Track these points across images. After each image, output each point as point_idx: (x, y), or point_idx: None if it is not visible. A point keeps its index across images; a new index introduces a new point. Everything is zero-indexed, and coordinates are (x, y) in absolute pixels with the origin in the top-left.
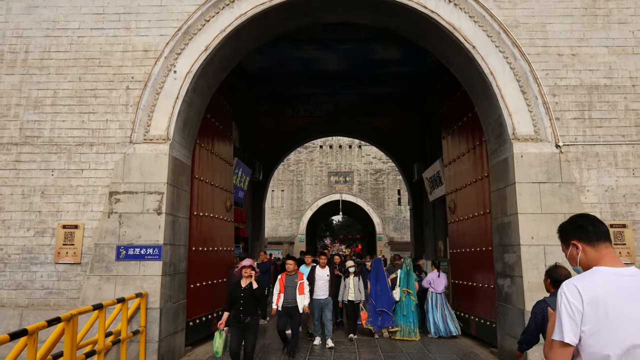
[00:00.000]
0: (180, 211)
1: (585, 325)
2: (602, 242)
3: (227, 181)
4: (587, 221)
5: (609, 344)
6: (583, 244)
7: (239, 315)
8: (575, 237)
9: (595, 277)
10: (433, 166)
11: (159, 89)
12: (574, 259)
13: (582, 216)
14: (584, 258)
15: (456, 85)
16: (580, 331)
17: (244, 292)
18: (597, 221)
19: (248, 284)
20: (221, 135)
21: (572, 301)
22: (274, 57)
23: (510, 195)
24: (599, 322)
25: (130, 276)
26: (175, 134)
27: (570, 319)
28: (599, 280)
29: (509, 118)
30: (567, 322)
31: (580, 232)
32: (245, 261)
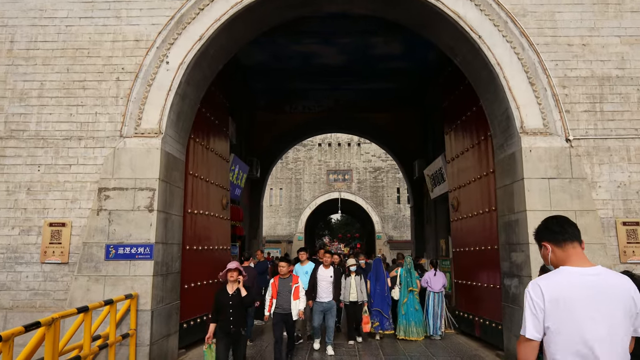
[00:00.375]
0: (174, 208)
1: (548, 322)
2: (569, 243)
3: (223, 178)
4: (556, 223)
5: (569, 339)
6: (552, 245)
7: (227, 327)
8: (545, 239)
9: (559, 277)
10: (435, 163)
11: (150, 80)
12: (546, 259)
13: (553, 218)
14: (554, 258)
15: (459, 78)
16: (544, 327)
17: (232, 299)
18: (566, 223)
19: (235, 290)
20: (217, 130)
21: (534, 299)
22: (272, 51)
23: (518, 191)
24: (561, 319)
25: (120, 276)
26: (168, 128)
27: (533, 316)
28: (562, 279)
29: (517, 111)
30: (529, 319)
31: (549, 234)
32: (230, 264)
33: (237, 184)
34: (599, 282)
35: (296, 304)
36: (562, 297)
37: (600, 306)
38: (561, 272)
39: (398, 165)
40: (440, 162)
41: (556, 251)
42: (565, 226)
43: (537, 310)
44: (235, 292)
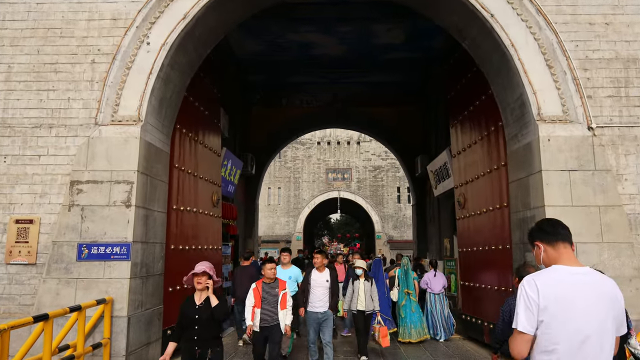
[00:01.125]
0: (156, 204)
1: (542, 316)
2: (560, 243)
3: (214, 173)
4: (549, 224)
5: (561, 334)
6: (544, 245)
7: (192, 349)
8: (537, 239)
9: (552, 274)
10: (439, 157)
11: (129, 63)
12: (538, 258)
13: (546, 220)
14: (546, 257)
15: (466, 65)
16: (537, 321)
17: (199, 312)
18: (559, 225)
19: (204, 300)
20: (207, 121)
21: (529, 294)
22: (267, 41)
23: (534, 185)
24: (554, 314)
25: (93, 279)
26: (149, 115)
27: (527, 310)
28: (555, 277)
29: (533, 96)
30: (523, 313)
31: (542, 234)
32: (198, 266)
33: (230, 180)
34: (589, 281)
35: (284, 315)
36: (556, 293)
37: (591, 304)
38: (555, 270)
39: (399, 162)
40: (445, 157)
41: (549, 251)
42: (557, 227)
43: (532, 304)
44: (203, 303)
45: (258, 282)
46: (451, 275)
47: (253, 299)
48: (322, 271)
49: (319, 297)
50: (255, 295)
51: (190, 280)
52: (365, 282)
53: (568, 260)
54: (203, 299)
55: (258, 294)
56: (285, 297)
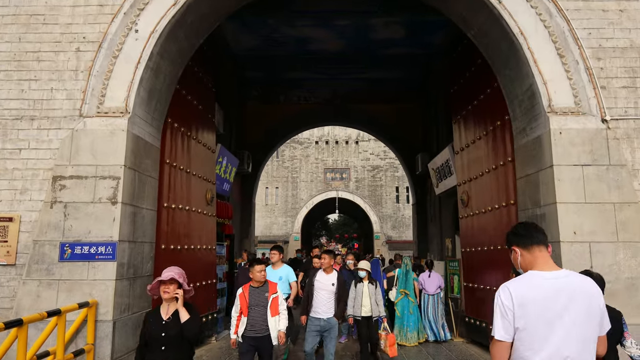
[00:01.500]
0: (145, 201)
1: (518, 323)
2: (536, 247)
3: (208, 170)
4: (524, 229)
5: (537, 340)
6: (520, 249)
7: None
8: (514, 243)
9: (527, 280)
10: (441, 155)
11: (116, 51)
12: (516, 263)
13: (521, 224)
14: (523, 261)
15: (470, 58)
16: (514, 328)
17: (166, 329)
18: (533, 228)
19: (173, 314)
20: (201, 116)
21: (504, 302)
22: (264, 35)
23: (545, 181)
24: (529, 321)
25: (76, 281)
26: (137, 107)
27: (503, 318)
28: (530, 282)
29: (544, 87)
30: (499, 321)
31: (517, 239)
32: (166, 271)
33: (225, 178)
34: (565, 285)
35: (275, 322)
36: (530, 299)
37: (567, 308)
38: (529, 276)
39: (399, 160)
40: (447, 154)
41: (524, 255)
42: (531, 231)
43: (507, 312)
44: (171, 318)
45: (245, 286)
46: (454, 276)
47: (239, 306)
48: (329, 273)
49: (323, 302)
50: (241, 302)
51: (156, 289)
52: (369, 285)
53: (543, 264)
54: (171, 312)
55: (245, 301)
56: (277, 302)
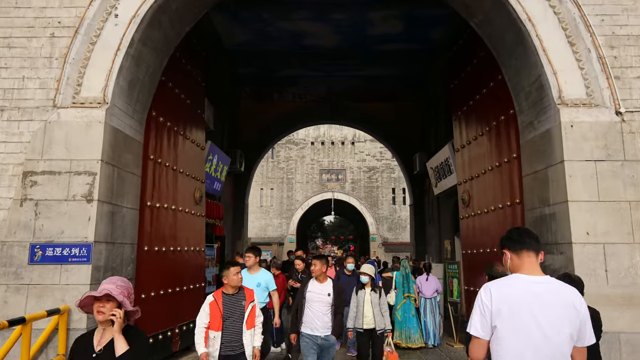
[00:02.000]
0: (125, 200)
1: (495, 322)
2: (525, 252)
3: (197, 167)
4: (517, 233)
5: (513, 342)
6: (510, 253)
7: None
8: (506, 247)
9: (509, 282)
10: (440, 153)
11: (94, 37)
12: (506, 265)
13: (517, 229)
14: (511, 264)
15: (472, 51)
16: (491, 327)
17: None
18: (526, 234)
19: (107, 343)
20: (189, 111)
21: (484, 301)
22: (258, 29)
23: (555, 178)
24: (506, 322)
25: (48, 285)
26: (117, 98)
27: (481, 316)
28: (510, 285)
29: (554, 77)
30: (477, 318)
31: (509, 242)
32: (104, 283)
33: (216, 177)
34: (545, 290)
35: (250, 336)
36: (509, 301)
37: (544, 313)
38: (512, 278)
39: (397, 159)
40: (446, 152)
41: (513, 258)
42: (524, 236)
43: (485, 310)
44: (102, 350)
45: (217, 293)
46: (453, 279)
47: (207, 317)
48: (322, 281)
49: (317, 316)
50: (213, 313)
51: (89, 305)
52: (372, 292)
53: (530, 269)
54: (106, 340)
55: (218, 311)
56: (254, 312)
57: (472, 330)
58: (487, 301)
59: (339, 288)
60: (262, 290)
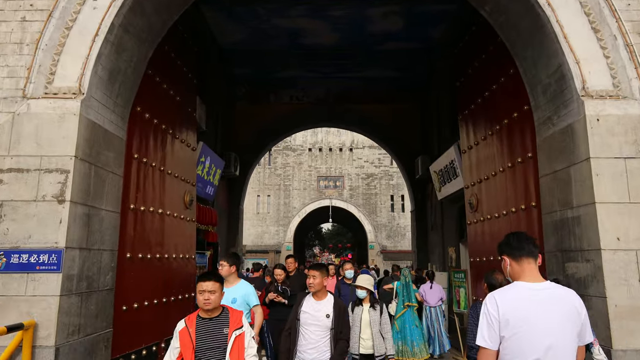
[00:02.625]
0: (104, 201)
1: (503, 332)
2: (524, 258)
3: (187, 169)
4: (516, 239)
5: (521, 349)
6: (510, 259)
7: None
8: (505, 253)
9: (513, 290)
10: (445, 155)
11: (70, 21)
12: (505, 271)
13: (514, 234)
14: (511, 271)
15: (481, 46)
16: (500, 337)
17: None
18: (525, 240)
19: None
20: (179, 109)
21: (490, 311)
22: (253, 27)
23: (578, 177)
24: (514, 330)
25: (12, 297)
26: (94, 88)
27: (489, 326)
28: (516, 293)
29: (576, 66)
30: (485, 329)
31: (508, 249)
32: None
33: (209, 180)
34: (547, 296)
35: None
36: (515, 309)
37: (549, 318)
38: (515, 286)
39: (397, 163)
40: (452, 154)
41: (513, 265)
42: (523, 243)
43: (492, 321)
44: None
45: (189, 317)
46: (460, 289)
47: (177, 350)
48: (321, 298)
49: (312, 342)
50: (183, 344)
51: None
52: (371, 309)
53: (530, 275)
54: None
55: (189, 342)
56: (242, 343)
57: (480, 341)
58: (494, 311)
59: (340, 307)
60: (240, 307)
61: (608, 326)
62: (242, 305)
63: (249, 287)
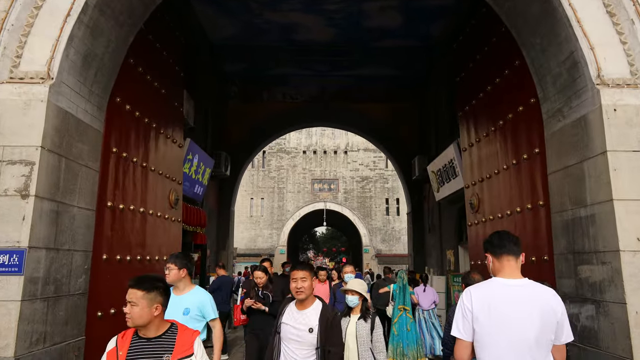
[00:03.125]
0: (76, 197)
1: (475, 325)
2: (505, 256)
3: (173, 166)
4: (497, 238)
5: (493, 343)
6: (492, 256)
7: None
8: (487, 250)
9: (488, 286)
10: (444, 154)
11: (39, 0)
12: (489, 269)
13: (497, 232)
14: (493, 268)
15: (482, 38)
16: (472, 329)
17: None
18: (507, 239)
19: None
20: (164, 102)
21: (465, 304)
22: (245, 20)
23: (593, 173)
24: (486, 323)
25: None
26: (66, 74)
27: (463, 318)
28: (490, 288)
29: (591, 53)
30: (460, 321)
31: (490, 247)
32: None
33: (197, 179)
34: (523, 293)
35: None
36: (488, 303)
37: (521, 313)
38: (491, 282)
39: (393, 164)
40: (451, 153)
41: (494, 262)
42: (504, 241)
43: (466, 312)
44: None
45: (125, 334)
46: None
47: None
48: (305, 307)
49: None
50: None
51: None
52: (361, 322)
53: (509, 272)
54: None
55: None
56: None
57: (455, 332)
58: (468, 304)
59: (328, 319)
60: (194, 320)
61: (628, 335)
62: (195, 319)
63: (205, 295)
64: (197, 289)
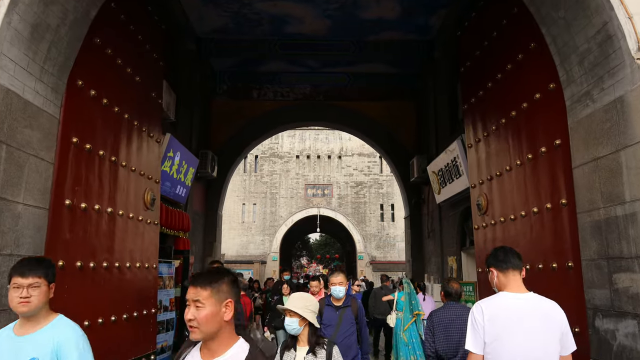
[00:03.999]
0: (22, 193)
1: (487, 338)
2: (510, 271)
3: (149, 163)
4: (502, 253)
5: (502, 354)
6: (497, 271)
7: None
8: (492, 265)
9: (497, 299)
10: (446, 153)
11: None
12: (492, 283)
13: (501, 248)
14: (498, 282)
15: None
16: (484, 342)
17: None
18: (511, 254)
19: None
20: (138, 91)
21: (477, 318)
22: (233, 10)
23: (632, 164)
24: (496, 336)
25: None
26: (7, 45)
27: (475, 332)
28: (500, 301)
29: (629, 23)
30: (471, 334)
31: (495, 262)
32: None
33: (179, 179)
34: (529, 305)
35: None
36: (497, 316)
37: (530, 326)
38: (500, 296)
39: (390, 166)
40: (455, 150)
41: (500, 277)
42: (509, 256)
43: (478, 327)
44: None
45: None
46: (467, 304)
47: None
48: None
49: None
50: None
51: None
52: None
53: (515, 287)
54: None
55: None
56: None
57: (468, 346)
58: (480, 318)
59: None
60: None
61: None
62: None
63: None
64: (59, 321)
